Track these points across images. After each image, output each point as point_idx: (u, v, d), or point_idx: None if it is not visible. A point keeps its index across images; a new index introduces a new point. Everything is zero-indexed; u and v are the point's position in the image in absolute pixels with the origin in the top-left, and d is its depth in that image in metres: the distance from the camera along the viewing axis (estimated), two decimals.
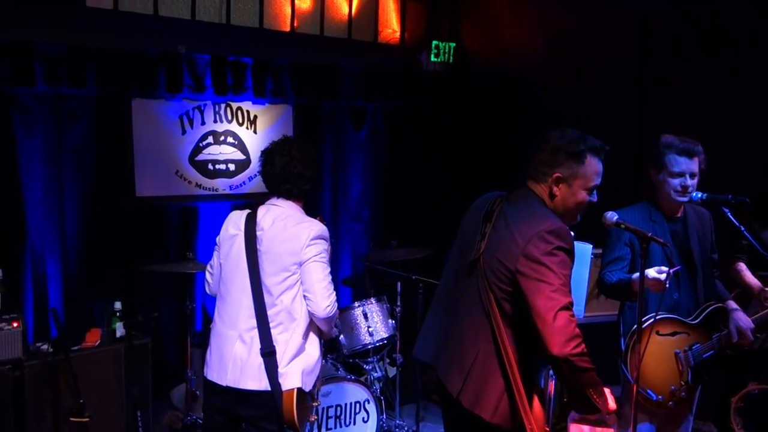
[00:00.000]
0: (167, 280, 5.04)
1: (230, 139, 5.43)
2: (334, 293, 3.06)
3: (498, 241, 2.53)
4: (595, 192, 2.62)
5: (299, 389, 2.97)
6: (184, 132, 5.21)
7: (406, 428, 4.71)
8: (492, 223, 2.58)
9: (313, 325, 3.07)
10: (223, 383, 2.98)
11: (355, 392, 4.25)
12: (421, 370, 2.84)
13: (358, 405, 4.26)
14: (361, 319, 4.46)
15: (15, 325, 3.83)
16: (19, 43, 4.41)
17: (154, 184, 5.09)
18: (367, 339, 4.43)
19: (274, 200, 3.12)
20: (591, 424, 2.76)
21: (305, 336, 3.03)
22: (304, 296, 3.01)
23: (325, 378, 4.10)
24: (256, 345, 2.96)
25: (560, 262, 2.44)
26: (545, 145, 2.62)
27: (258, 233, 3.03)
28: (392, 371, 4.82)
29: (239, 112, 5.45)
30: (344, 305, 4.81)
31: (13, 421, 3.81)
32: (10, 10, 4.52)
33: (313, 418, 3.22)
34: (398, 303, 4.68)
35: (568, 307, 2.41)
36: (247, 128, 5.49)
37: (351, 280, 5.69)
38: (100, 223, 4.88)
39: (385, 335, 4.49)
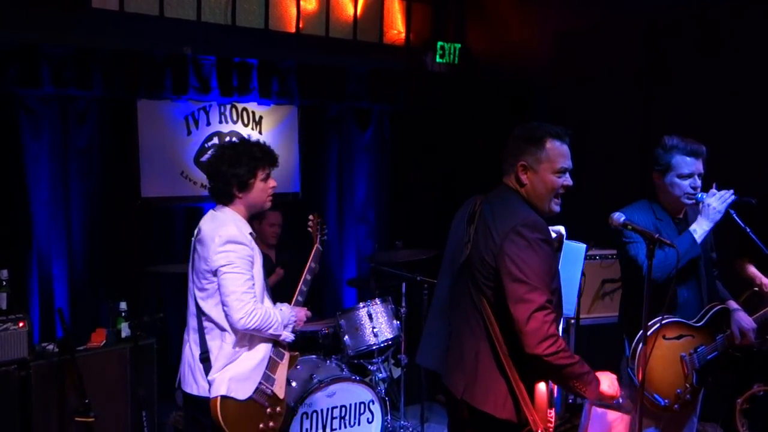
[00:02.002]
0: (172, 280, 5.04)
1: (235, 140, 5.42)
2: (253, 303, 2.97)
3: (480, 240, 2.58)
4: (568, 175, 2.62)
5: (224, 397, 2.97)
6: (189, 133, 5.22)
7: (410, 429, 4.70)
8: (474, 225, 2.63)
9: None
10: (176, 383, 3.15)
11: (359, 393, 4.24)
12: (428, 375, 2.85)
13: (362, 406, 4.26)
14: (365, 320, 4.46)
15: (21, 325, 3.85)
16: (25, 45, 4.43)
17: (160, 185, 5.10)
18: (372, 340, 4.44)
19: (216, 206, 3.17)
20: (607, 408, 2.79)
21: (238, 344, 3.03)
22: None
23: (330, 379, 4.10)
24: (197, 350, 3.05)
25: (539, 256, 2.43)
26: (509, 138, 2.67)
27: (193, 238, 3.11)
28: (397, 372, 4.82)
29: (244, 113, 5.46)
30: (349, 306, 4.81)
31: (18, 420, 3.83)
32: (16, 12, 4.55)
33: (271, 424, 3.16)
34: (403, 304, 4.68)
35: (544, 306, 2.40)
36: (252, 129, 5.50)
37: (356, 281, 5.70)
38: (105, 224, 4.90)
39: (390, 336, 4.49)
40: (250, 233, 3.12)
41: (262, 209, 3.25)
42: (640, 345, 2.95)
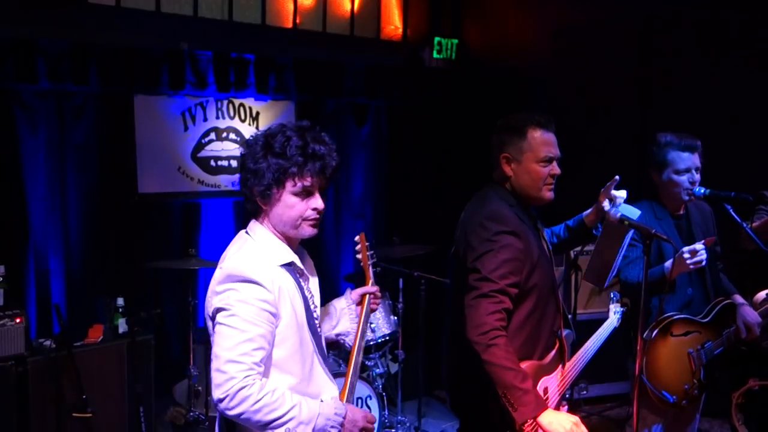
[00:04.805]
0: (170, 276, 5.05)
1: (232, 136, 5.43)
2: (242, 380, 1.95)
3: (459, 236, 2.63)
4: (555, 163, 2.58)
5: None
6: (186, 128, 5.21)
7: (407, 424, 4.71)
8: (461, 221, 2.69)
9: None
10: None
11: (357, 388, 4.23)
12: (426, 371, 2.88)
13: (360, 401, 4.26)
14: None
15: (18, 320, 3.84)
16: (21, 40, 4.41)
17: (157, 180, 5.09)
18: (369, 335, 4.44)
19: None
20: None
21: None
22: None
23: None
24: None
25: (499, 248, 2.43)
26: (493, 131, 2.68)
27: None
28: (394, 367, 4.82)
29: (241, 109, 5.45)
30: None
31: (15, 416, 3.83)
32: (12, 6, 4.53)
33: None
34: (400, 300, 4.68)
35: (489, 295, 2.38)
36: (249, 124, 5.49)
37: (353, 277, 5.69)
38: (102, 220, 4.89)
39: (387, 331, 4.49)
40: (289, 264, 2.16)
41: (295, 237, 2.20)
42: (648, 339, 2.97)
